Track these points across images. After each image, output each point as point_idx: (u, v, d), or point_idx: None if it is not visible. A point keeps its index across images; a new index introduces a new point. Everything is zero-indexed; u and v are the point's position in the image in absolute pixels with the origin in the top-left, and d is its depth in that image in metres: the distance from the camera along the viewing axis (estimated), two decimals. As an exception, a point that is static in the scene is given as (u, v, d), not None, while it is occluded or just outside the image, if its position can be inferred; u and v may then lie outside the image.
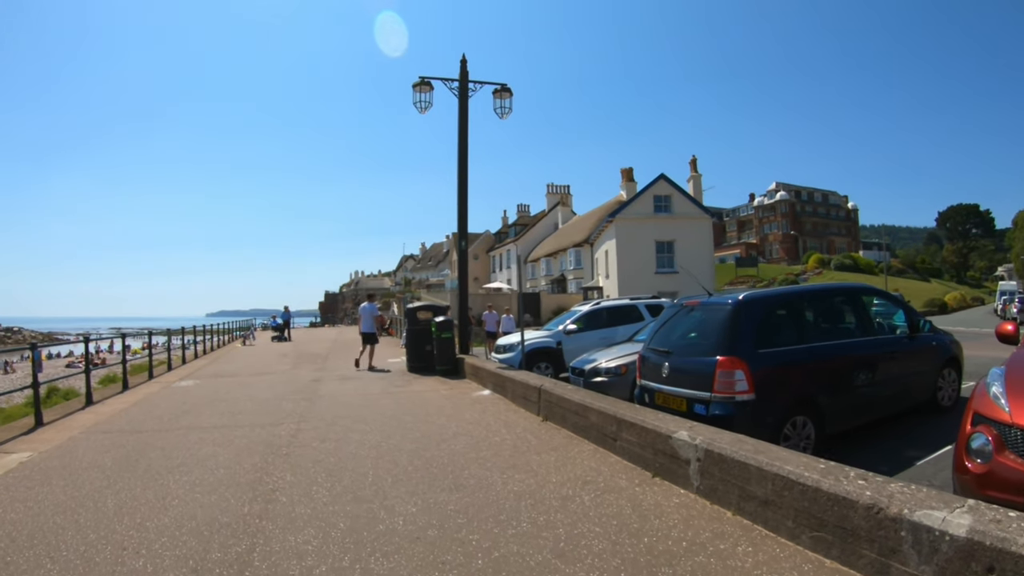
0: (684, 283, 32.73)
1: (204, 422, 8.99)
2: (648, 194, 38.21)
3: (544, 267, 52.07)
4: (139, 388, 13.28)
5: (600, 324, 15.40)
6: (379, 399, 10.84)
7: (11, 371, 34.80)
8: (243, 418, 9.21)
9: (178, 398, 11.56)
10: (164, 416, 9.63)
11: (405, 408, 9.83)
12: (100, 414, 10.18)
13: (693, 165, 40.98)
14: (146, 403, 11.13)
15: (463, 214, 15.46)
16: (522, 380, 9.72)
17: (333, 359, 19.60)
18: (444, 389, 11.95)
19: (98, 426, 9.12)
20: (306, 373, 15.45)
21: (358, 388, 12.36)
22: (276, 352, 23.27)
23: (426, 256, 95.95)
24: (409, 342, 15.59)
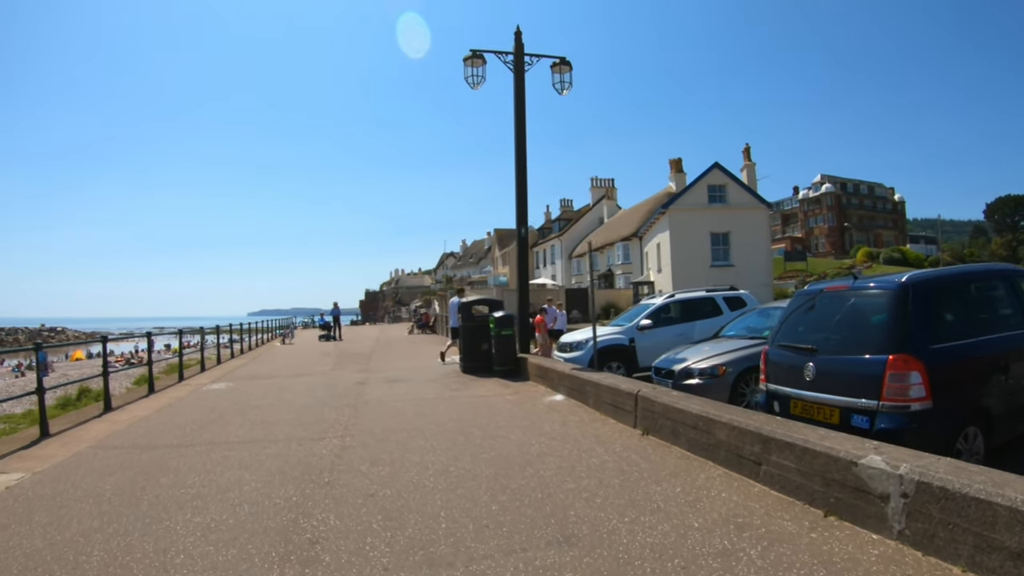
0: (741, 277, 30.85)
1: (231, 435, 7.62)
2: (702, 184, 36.52)
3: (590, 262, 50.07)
4: (166, 392, 12.09)
5: (676, 319, 13.93)
6: (435, 406, 9.36)
7: (51, 371, 34.27)
8: (277, 430, 7.82)
9: (206, 404, 10.27)
10: (187, 427, 8.32)
11: (468, 418, 8.34)
12: (116, 423, 8.94)
13: (747, 153, 38.94)
14: (170, 410, 9.88)
15: (522, 197, 13.97)
16: (610, 384, 8.14)
17: (378, 359, 18.25)
18: (508, 393, 10.44)
19: (110, 439, 7.85)
20: (349, 375, 14.09)
21: (409, 392, 10.93)
22: (317, 352, 22.06)
23: (467, 253, 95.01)
24: (463, 340, 14.09)
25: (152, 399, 11.17)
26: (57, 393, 13.51)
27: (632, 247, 43.64)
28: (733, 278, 32.36)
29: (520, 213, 14.09)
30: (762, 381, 7.22)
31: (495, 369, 12.99)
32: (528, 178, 14.15)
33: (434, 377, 13.14)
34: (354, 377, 13.51)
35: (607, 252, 47.70)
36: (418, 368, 15.13)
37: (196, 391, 12.02)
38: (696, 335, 12.68)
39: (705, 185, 36.35)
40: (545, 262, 60.94)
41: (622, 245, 44.60)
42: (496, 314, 13.32)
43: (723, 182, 36.49)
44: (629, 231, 43.71)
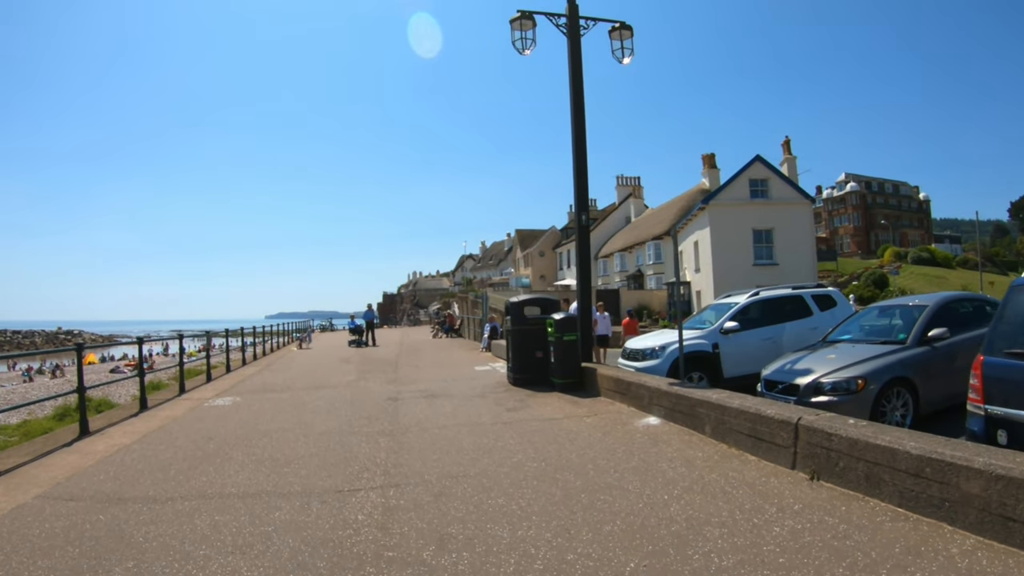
0: (784, 276, 28.88)
1: (229, 481, 5.65)
2: (743, 177, 34.72)
3: (618, 262, 48.89)
4: (161, 409, 10.19)
5: (761, 321, 11.97)
6: (498, 434, 7.36)
7: (60, 375, 32.65)
8: (292, 474, 5.84)
9: (204, 428, 8.36)
10: (173, 465, 6.37)
11: (550, 454, 6.32)
12: (87, 455, 7.01)
13: (787, 146, 37.19)
14: (158, 436, 7.97)
15: (581, 179, 12.09)
16: (743, 407, 6.10)
17: (406, 367, 16.24)
18: (583, 414, 8.45)
19: (70, 482, 5.96)
20: (377, 387, 12.13)
21: (457, 413, 8.94)
22: (336, 358, 20.09)
23: (487, 255, 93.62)
24: (513, 346, 12.02)
25: (141, 419, 9.24)
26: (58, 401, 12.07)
27: (664, 246, 41.93)
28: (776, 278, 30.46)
29: (580, 197, 12.14)
30: (973, 401, 5.33)
31: (554, 382, 11.00)
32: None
33: (480, 390, 11.14)
34: (384, 391, 11.53)
35: (636, 252, 46.37)
36: (456, 378, 13.14)
37: (196, 408, 10.08)
38: (785, 339, 11.32)
39: (746, 179, 34.44)
40: (569, 263, 59.34)
41: (653, 244, 43.12)
42: (556, 316, 11.30)
43: (765, 176, 34.59)
44: (661, 229, 42.00)
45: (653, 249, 43.01)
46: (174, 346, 41.30)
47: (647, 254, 43.91)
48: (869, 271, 52.43)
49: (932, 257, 63.78)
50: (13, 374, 34.61)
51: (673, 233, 10.63)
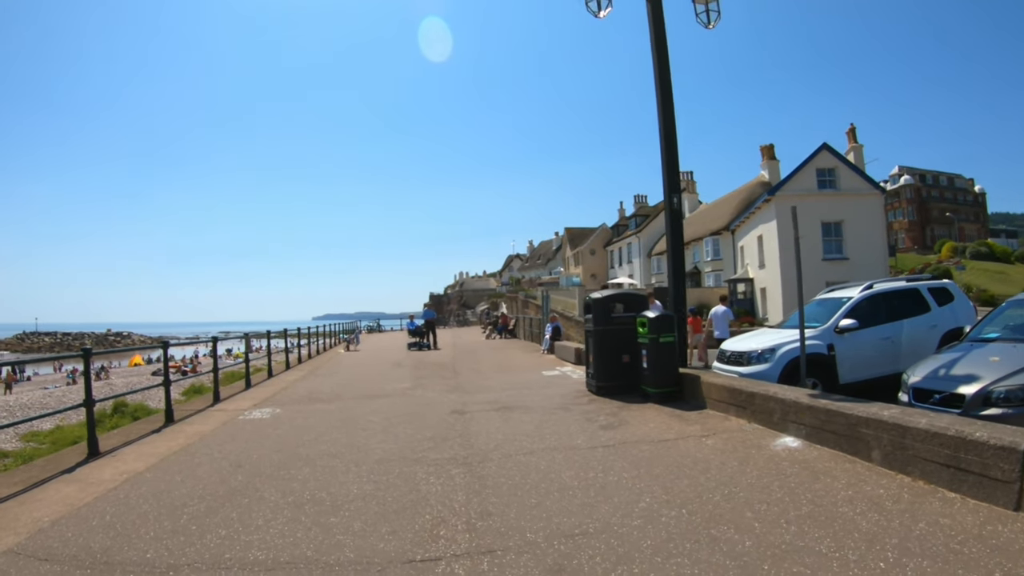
0: (855, 272, 27.11)
1: (255, 539, 4.25)
2: (809, 167, 32.76)
3: None
4: (189, 422, 8.88)
5: (877, 317, 10.47)
6: (604, 464, 5.82)
7: (104, 376, 32.15)
8: (340, 527, 4.42)
9: (234, 451, 6.96)
10: (186, 508, 4.98)
11: (683, 493, 4.82)
12: (85, 488, 5.69)
13: (852, 135, 35.34)
14: (178, 462, 6.57)
15: (671, 155, 10.51)
16: (932, 428, 4.63)
17: (466, 371, 14.77)
18: (698, 433, 6.92)
19: (53, 529, 4.71)
20: (438, 396, 10.68)
21: (542, 431, 7.38)
22: (387, 361, 18.72)
23: (534, 254, 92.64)
24: (596, 350, 10.42)
25: (164, 436, 7.91)
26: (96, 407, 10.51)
27: (723, 242, 40.35)
28: (847, 273, 28.81)
29: (670, 176, 10.55)
30: None
31: (647, 391, 9.38)
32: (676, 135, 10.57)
33: (559, 401, 9.61)
34: (446, 401, 10.04)
35: (692, 248, 44.64)
36: (526, 386, 11.65)
37: (229, 423, 8.73)
38: (904, 339, 10.24)
39: (813, 169, 32.65)
40: (621, 261, 58.16)
41: (711, 240, 41.41)
42: (649, 314, 9.67)
43: (832, 165, 32.77)
44: (719, 224, 40.46)
45: (711, 245, 41.48)
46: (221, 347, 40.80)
47: (704, 250, 42.40)
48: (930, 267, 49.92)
49: (991, 252, 61.24)
50: (59, 376, 34.42)
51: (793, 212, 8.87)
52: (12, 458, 10.85)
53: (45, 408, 16.92)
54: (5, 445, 12.27)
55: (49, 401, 17.96)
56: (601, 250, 63.35)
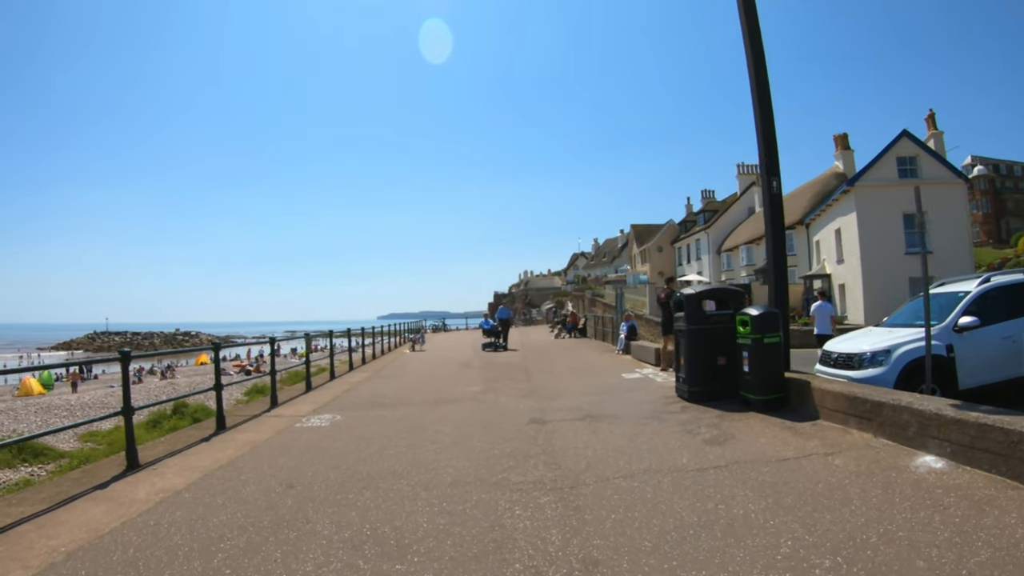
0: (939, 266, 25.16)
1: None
2: (889, 156, 31.12)
3: (744, 256, 45.69)
4: (241, 430, 8.20)
5: (997, 315, 9.34)
6: (722, 490, 4.85)
7: (170, 376, 32.47)
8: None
9: (287, 467, 6.17)
10: (223, 541, 4.27)
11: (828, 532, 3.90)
12: (115, 509, 5.07)
13: (931, 121, 33.33)
14: (222, 479, 5.83)
15: (767, 125, 9.33)
16: None
17: (539, 373, 13.85)
18: (820, 450, 5.92)
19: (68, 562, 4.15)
20: (512, 402, 9.78)
21: (638, 446, 6.42)
22: (455, 361, 17.91)
23: (599, 252, 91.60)
24: (689, 351, 9.35)
25: (213, 446, 7.21)
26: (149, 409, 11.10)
27: (797, 236, 38.70)
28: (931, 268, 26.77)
29: (768, 157, 9.37)
30: None
31: (748, 398, 8.31)
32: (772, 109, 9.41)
33: (648, 409, 8.63)
34: (522, 408, 9.11)
35: (763, 244, 42.44)
36: (607, 390, 10.72)
37: (285, 431, 7.98)
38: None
39: (893, 157, 30.88)
40: (689, 258, 56.76)
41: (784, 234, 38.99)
42: (752, 311, 8.53)
43: (913, 153, 30.90)
44: (792, 218, 38.66)
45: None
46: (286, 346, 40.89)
47: None
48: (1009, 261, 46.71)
49: (1073, 246, 56.64)
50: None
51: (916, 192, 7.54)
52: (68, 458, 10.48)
53: (106, 407, 16.74)
54: (63, 445, 11.95)
55: (110, 400, 17.82)
56: (668, 247, 62.30)
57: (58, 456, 10.84)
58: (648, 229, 66.23)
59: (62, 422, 14.91)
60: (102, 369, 40.99)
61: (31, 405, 17.66)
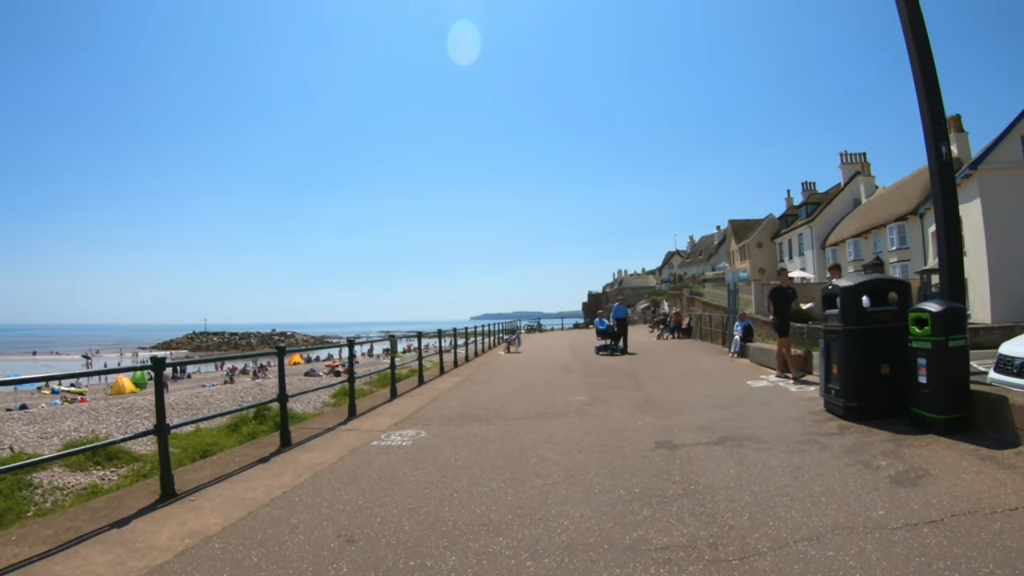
0: None
1: None
2: (1013, 136, 28.30)
3: (851, 251, 42.85)
4: (308, 448, 7.11)
5: None
6: (959, 569, 3.01)
7: (262, 376, 32.43)
8: None
9: (350, 509, 4.97)
10: None
11: None
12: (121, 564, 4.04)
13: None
14: (267, 522, 4.72)
15: (929, 85, 7.35)
16: None
17: (649, 379, 12.47)
18: None
19: None
20: (626, 416, 8.33)
21: (810, 490, 4.86)
22: (553, 364, 16.49)
23: (695, 250, 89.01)
24: (845, 356, 7.63)
25: (269, 470, 6.09)
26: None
27: (910, 228, 36.26)
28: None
29: (933, 116, 7.47)
30: None
31: (926, 417, 6.60)
32: (934, 66, 7.46)
33: (796, 428, 7.17)
34: (641, 424, 7.65)
35: (872, 237, 40.53)
36: (736, 402, 9.29)
37: (358, 451, 6.79)
38: None
39: (1017, 136, 27.99)
40: (791, 253, 53.94)
41: (896, 227, 37.01)
42: (931, 307, 6.77)
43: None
44: (905, 208, 36.00)
45: (896, 232, 37.11)
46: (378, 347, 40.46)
47: (888, 239, 37.98)
48: None
49: None
50: (219, 374, 35.31)
51: None
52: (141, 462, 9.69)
53: (189, 408, 16.22)
54: (138, 447, 11.32)
55: (195, 402, 17.29)
56: (768, 243, 59.63)
57: (132, 459, 10.17)
58: (746, 224, 63.80)
59: (142, 424, 14.44)
60: (197, 368, 41.94)
61: (115, 405, 17.37)
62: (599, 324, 21.76)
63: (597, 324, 22.02)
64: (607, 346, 20.06)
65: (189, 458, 9.11)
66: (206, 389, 21.84)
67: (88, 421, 14.65)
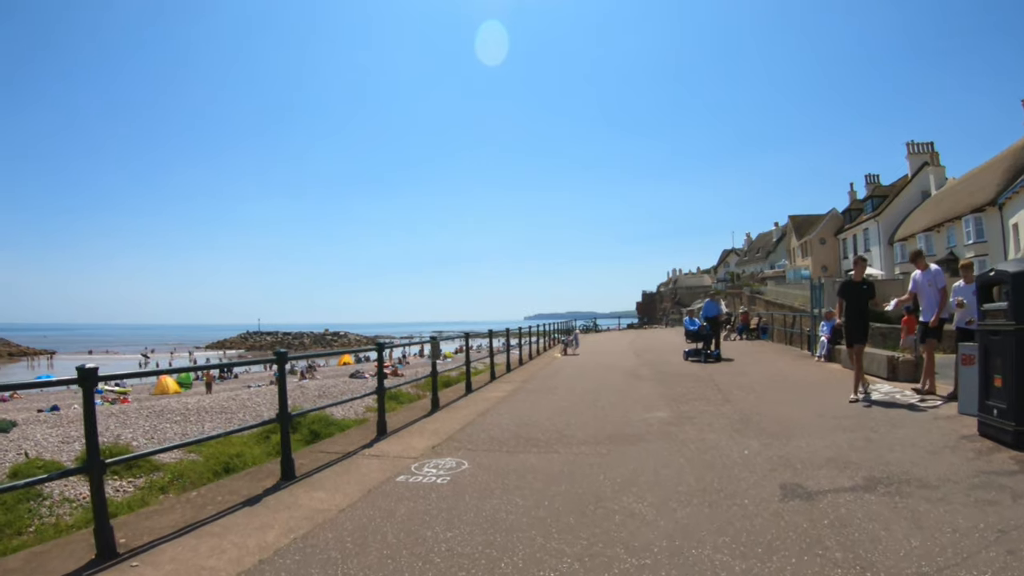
0: None
1: None
2: None
3: (922, 245, 40.00)
4: (315, 484, 5.52)
5: None
6: None
7: (309, 376, 31.39)
8: None
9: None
10: None
11: None
12: None
13: None
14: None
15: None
16: None
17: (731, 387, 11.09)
18: None
19: None
20: (726, 441, 6.63)
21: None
22: (618, 369, 14.70)
23: (752, 248, 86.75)
24: (1019, 365, 5.76)
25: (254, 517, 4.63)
26: None
27: (987, 220, 34.11)
28: None
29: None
30: None
31: None
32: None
33: (959, 463, 5.56)
34: (749, 455, 5.95)
35: (945, 231, 38.36)
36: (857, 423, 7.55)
37: (378, 490, 5.22)
38: None
39: None
40: (856, 249, 51.55)
41: (973, 219, 34.75)
42: None
43: None
44: (983, 199, 33.66)
45: (972, 225, 34.80)
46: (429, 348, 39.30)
47: (963, 232, 35.65)
48: None
49: None
50: (267, 374, 34.57)
51: None
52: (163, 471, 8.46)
53: (224, 412, 15.09)
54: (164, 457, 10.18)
55: (230, 404, 16.17)
56: (831, 238, 57.39)
57: (152, 468, 9.13)
58: (807, 220, 61.43)
59: (171, 428, 13.39)
60: (245, 368, 41.39)
61: (146, 408, 16.38)
62: (688, 324, 18.76)
63: (686, 324, 18.94)
64: (698, 351, 16.89)
65: (210, 470, 8.31)
66: (248, 391, 20.84)
67: (115, 425, 13.65)
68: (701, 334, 17.00)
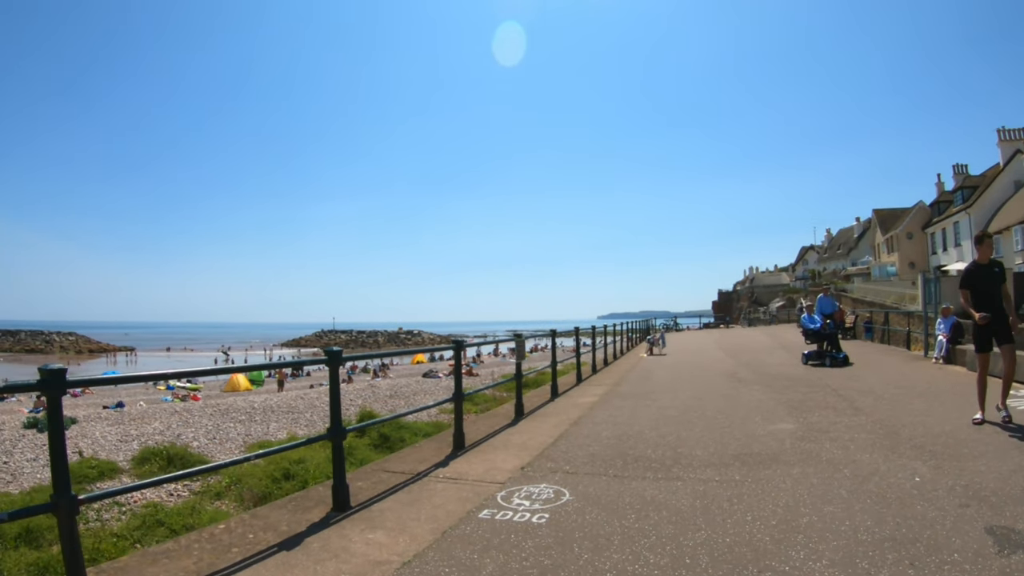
0: None
1: None
2: None
3: (1018, 239, 37.56)
4: (372, 519, 4.45)
5: None
6: None
7: (382, 376, 30.84)
8: None
9: None
10: None
11: None
12: None
13: None
14: None
15: None
16: None
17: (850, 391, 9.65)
18: None
19: None
20: (885, 465, 5.27)
21: None
22: (716, 372, 13.28)
23: (833, 244, 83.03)
24: None
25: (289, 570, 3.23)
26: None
27: None
28: None
29: None
30: None
31: None
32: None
33: None
34: (919, 481, 4.66)
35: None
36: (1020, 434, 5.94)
37: (458, 531, 4.12)
38: None
39: None
40: (945, 244, 48.10)
41: None
42: None
43: None
44: None
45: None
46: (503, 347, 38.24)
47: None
48: None
49: None
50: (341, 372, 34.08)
51: None
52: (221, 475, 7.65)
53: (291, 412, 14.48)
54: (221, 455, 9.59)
55: (298, 404, 15.60)
56: (919, 233, 53.43)
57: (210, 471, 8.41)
58: (893, 214, 57.47)
59: (234, 428, 12.87)
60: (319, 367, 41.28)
61: (212, 406, 15.95)
62: (807, 322, 16.45)
63: (805, 322, 16.70)
64: (820, 352, 14.73)
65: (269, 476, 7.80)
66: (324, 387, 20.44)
67: (177, 424, 13.12)
68: (823, 333, 15.02)
